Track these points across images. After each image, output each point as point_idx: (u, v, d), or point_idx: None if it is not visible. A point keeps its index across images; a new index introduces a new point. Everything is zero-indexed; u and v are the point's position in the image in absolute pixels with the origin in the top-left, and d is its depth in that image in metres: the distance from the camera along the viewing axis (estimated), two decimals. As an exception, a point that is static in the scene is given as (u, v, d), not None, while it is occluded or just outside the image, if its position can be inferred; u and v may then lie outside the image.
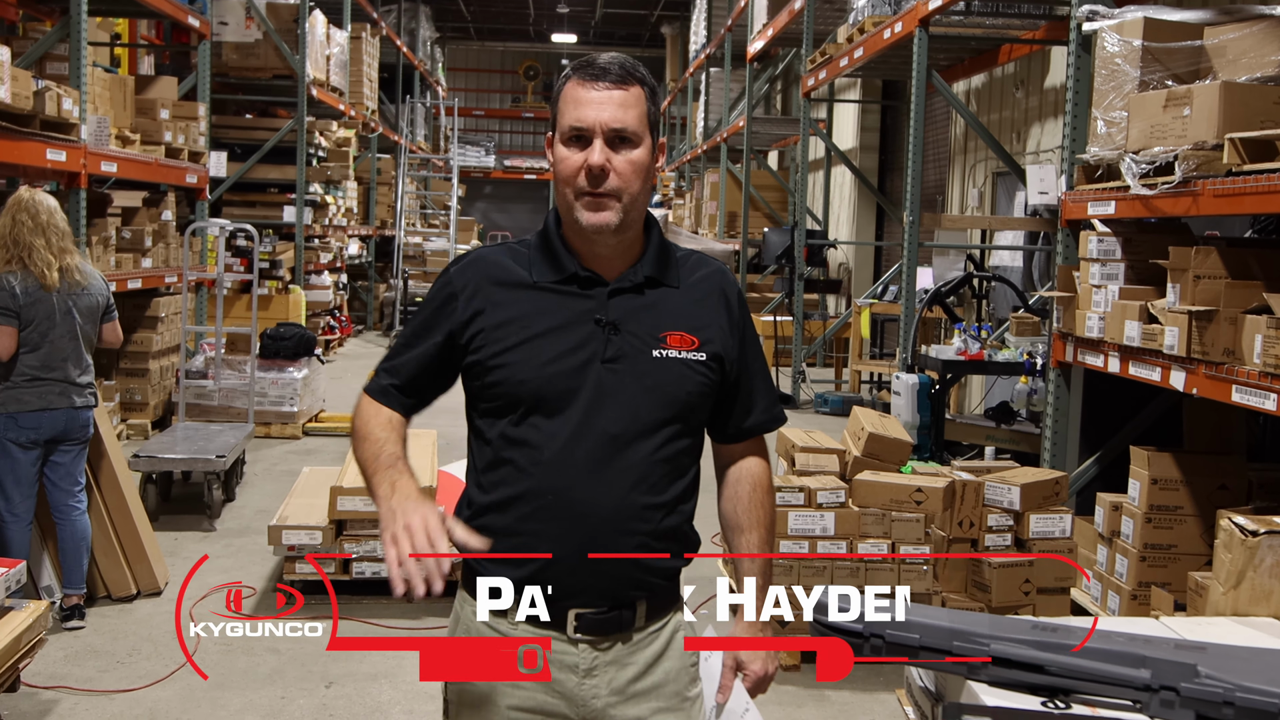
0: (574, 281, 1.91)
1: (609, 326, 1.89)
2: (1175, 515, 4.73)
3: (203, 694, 4.21)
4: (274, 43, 11.98)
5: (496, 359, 1.88)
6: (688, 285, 1.98)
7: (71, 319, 4.73)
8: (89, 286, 4.83)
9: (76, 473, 4.81)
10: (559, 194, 1.89)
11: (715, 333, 1.96)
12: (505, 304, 1.90)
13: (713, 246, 15.18)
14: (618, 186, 1.85)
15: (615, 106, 1.83)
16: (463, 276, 1.95)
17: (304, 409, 9.12)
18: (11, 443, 4.59)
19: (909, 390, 7.09)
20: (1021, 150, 9.80)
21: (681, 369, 1.91)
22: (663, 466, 1.89)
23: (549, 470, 1.85)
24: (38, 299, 4.62)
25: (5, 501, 4.60)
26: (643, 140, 1.87)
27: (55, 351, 4.66)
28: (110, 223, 8.29)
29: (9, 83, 6.15)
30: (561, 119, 1.86)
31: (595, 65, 1.86)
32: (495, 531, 1.85)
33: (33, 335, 4.62)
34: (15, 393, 4.60)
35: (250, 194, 12.65)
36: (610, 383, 1.87)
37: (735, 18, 15.38)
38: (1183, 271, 4.42)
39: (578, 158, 1.84)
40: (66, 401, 4.68)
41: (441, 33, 27.07)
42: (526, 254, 1.96)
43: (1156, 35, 4.83)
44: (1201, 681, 1.83)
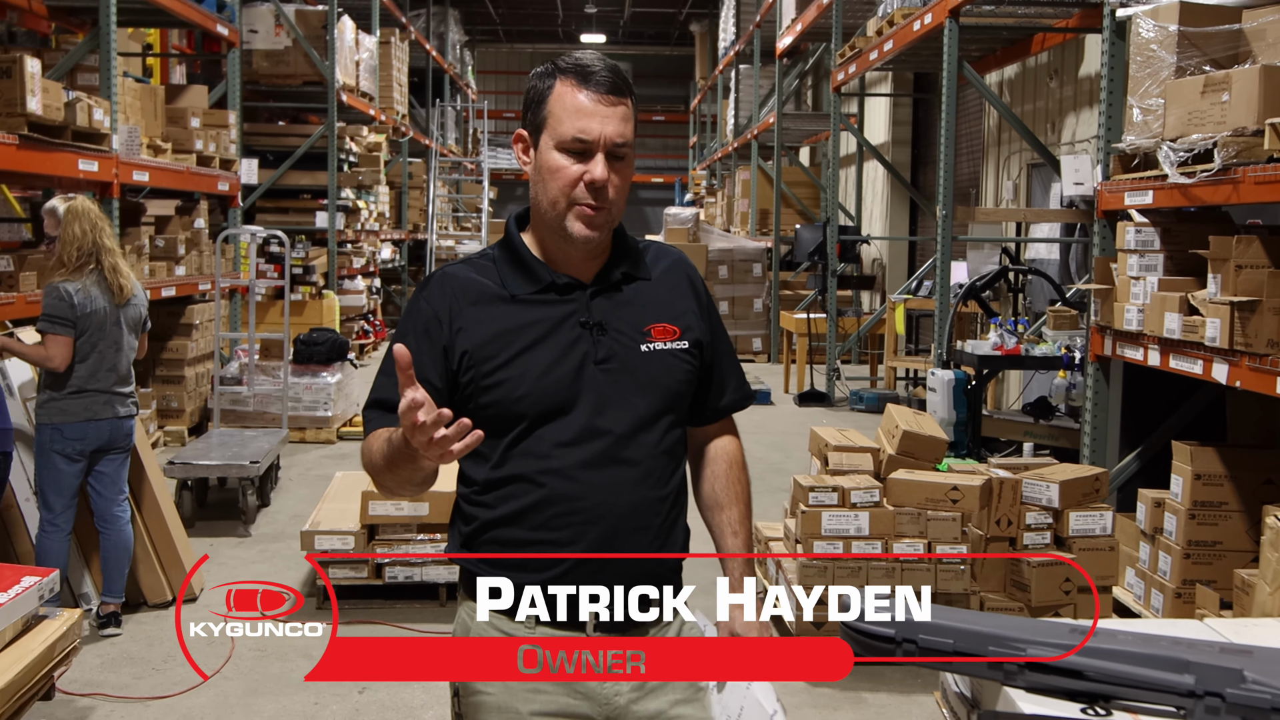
0: (551, 289, 1.91)
1: (595, 328, 1.89)
2: (1220, 511, 4.63)
3: (236, 700, 4.22)
4: (303, 49, 12.04)
5: (489, 378, 1.86)
6: (658, 276, 1.99)
7: (119, 330, 4.73)
8: (135, 297, 4.83)
9: (121, 481, 4.82)
10: (545, 199, 1.87)
11: (692, 320, 1.98)
12: (485, 321, 1.88)
13: (744, 245, 15.13)
14: (612, 200, 1.86)
15: (618, 121, 1.83)
16: (437, 298, 1.91)
17: (338, 413, 9.15)
18: (57, 454, 4.59)
19: (944, 386, 7.00)
20: (1056, 141, 9.67)
21: (669, 360, 1.93)
22: (664, 459, 1.91)
23: (559, 478, 1.84)
24: (93, 310, 4.61)
25: (47, 510, 4.62)
26: (632, 153, 1.88)
27: (102, 362, 4.66)
28: (144, 231, 8.35)
29: (40, 94, 6.20)
30: (559, 125, 1.83)
31: (592, 71, 1.84)
32: (509, 544, 1.86)
33: (84, 346, 4.62)
34: (61, 404, 4.60)
35: (283, 200, 12.73)
36: (606, 383, 1.88)
37: (764, 13, 15.31)
38: (1224, 261, 4.33)
39: (576, 169, 1.83)
40: (111, 411, 4.69)
41: (470, 36, 27.15)
42: (494, 267, 1.94)
43: (1193, 20, 4.73)
44: (1248, 687, 1.77)
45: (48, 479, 4.61)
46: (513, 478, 1.87)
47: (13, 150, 5.99)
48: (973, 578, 4.53)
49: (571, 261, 1.92)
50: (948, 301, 7.75)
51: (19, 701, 3.33)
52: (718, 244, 15.12)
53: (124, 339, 4.77)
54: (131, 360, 4.88)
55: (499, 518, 1.88)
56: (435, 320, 1.89)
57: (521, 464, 1.86)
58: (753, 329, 14.74)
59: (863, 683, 4.40)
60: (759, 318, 14.84)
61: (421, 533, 5.14)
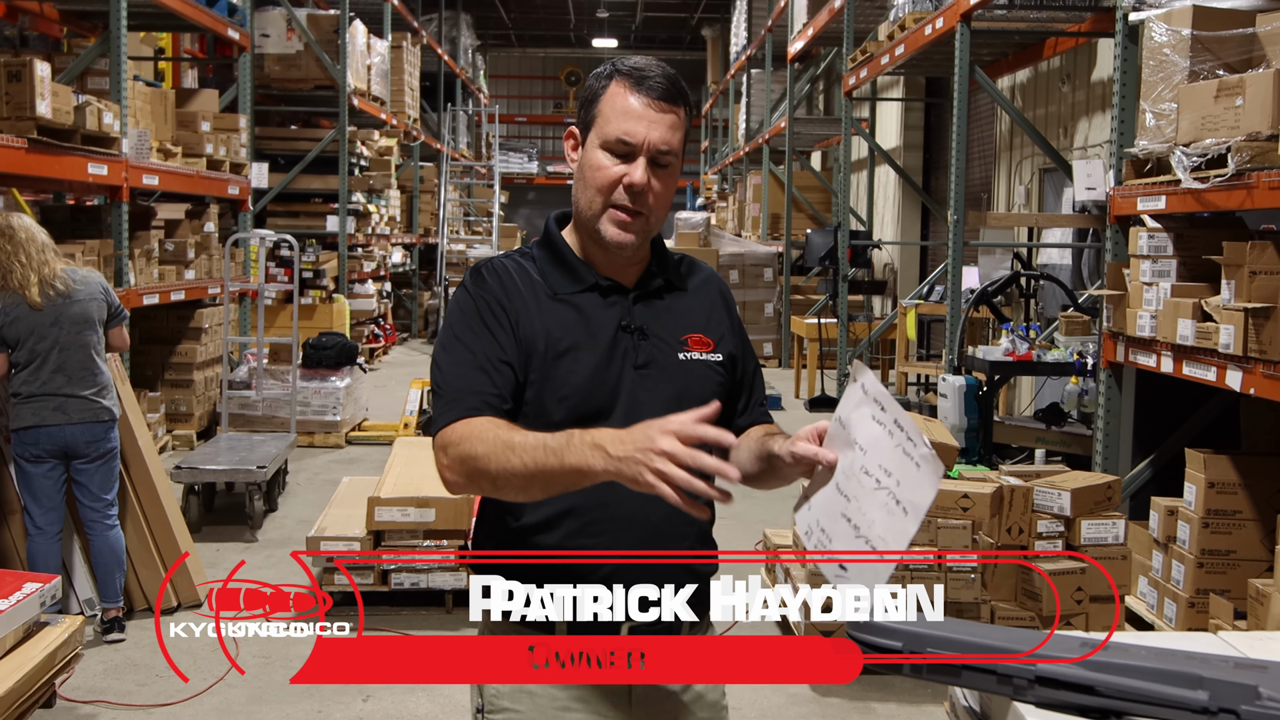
0: (594, 290, 1.88)
1: (636, 332, 1.87)
2: (1234, 520, 4.57)
3: (240, 708, 4.19)
4: (315, 54, 12.04)
5: (534, 373, 1.83)
6: (693, 288, 1.98)
7: (59, 330, 4.62)
8: (75, 293, 4.67)
9: (100, 489, 4.75)
10: (584, 198, 1.84)
11: (725, 333, 1.97)
12: (535, 315, 1.84)
13: (755, 249, 15.08)
14: (651, 207, 1.83)
15: (666, 128, 1.81)
16: (494, 285, 1.86)
17: (346, 418, 9.14)
18: (20, 458, 4.61)
19: (956, 392, 6.95)
20: (1068, 145, 9.61)
21: (704, 370, 1.91)
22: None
23: (596, 484, 1.75)
24: (17, 317, 4.55)
25: (28, 518, 4.63)
26: (677, 163, 1.85)
27: (44, 365, 4.59)
28: (153, 235, 8.35)
29: (50, 98, 6.20)
30: (606, 125, 1.81)
31: (647, 76, 1.81)
32: (545, 550, 1.81)
33: (21, 354, 4.58)
34: (16, 409, 4.61)
35: (294, 204, 12.73)
36: (644, 388, 1.85)
37: (775, 18, 15.27)
38: (1238, 267, 4.27)
39: (617, 170, 1.81)
40: (62, 418, 4.60)
41: (482, 40, 27.16)
42: (534, 265, 1.91)
43: (1206, 24, 4.68)
44: (1263, 704, 1.73)
45: (21, 484, 4.64)
46: None
47: (22, 154, 5.99)
48: (983, 586, 4.48)
49: (612, 265, 1.90)
50: (959, 307, 7.70)
51: (20, 709, 3.32)
52: (729, 248, 15.09)
53: (67, 338, 4.63)
54: (90, 356, 4.69)
55: (535, 523, 1.84)
56: (498, 305, 1.84)
57: None
58: (763, 334, 14.70)
59: (872, 693, 4.36)
60: (770, 322, 14.80)
61: (428, 539, 5.11)
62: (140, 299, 7.61)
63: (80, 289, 4.71)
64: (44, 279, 4.61)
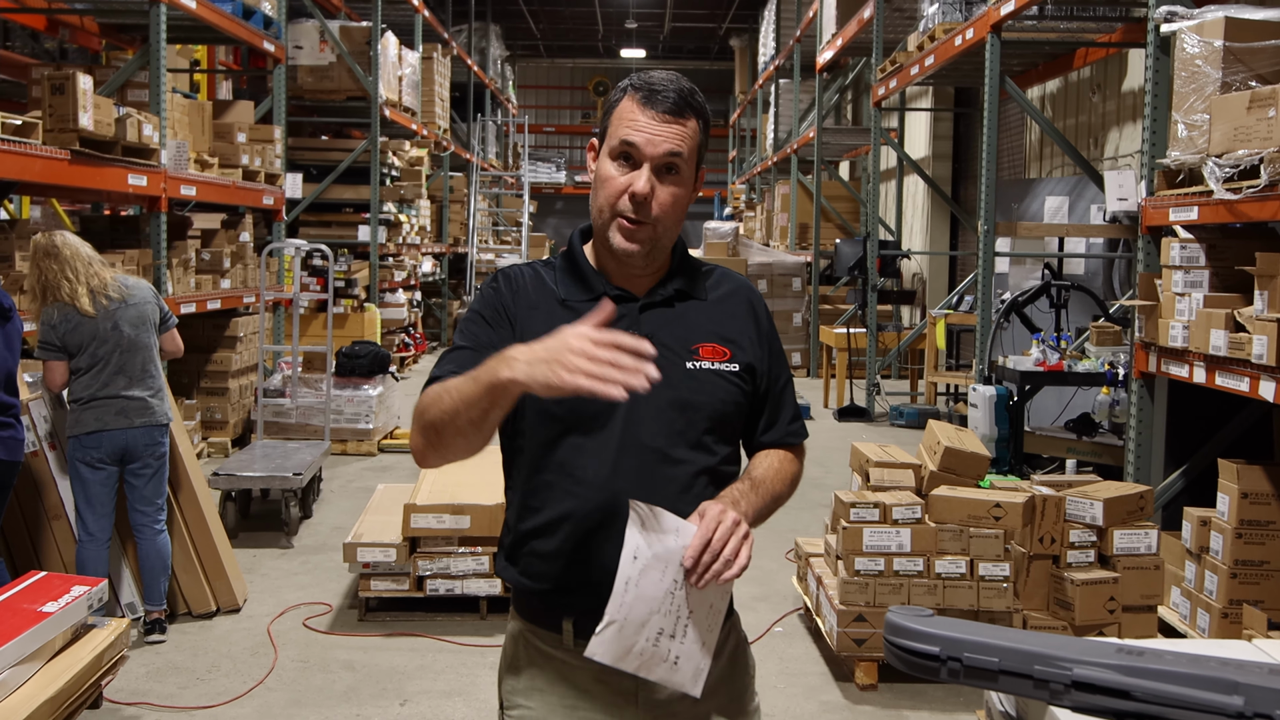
0: (603, 299, 1.90)
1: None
2: (1267, 530, 4.57)
3: (280, 711, 4.26)
4: (347, 65, 12.17)
5: None
6: (715, 298, 1.98)
7: (119, 334, 4.75)
8: (129, 298, 4.82)
9: (153, 495, 4.87)
10: (595, 207, 1.89)
11: (746, 344, 1.96)
12: (537, 322, 1.87)
13: (784, 259, 15.10)
14: (656, 216, 1.84)
15: (671, 139, 1.82)
16: (503, 291, 1.93)
17: (379, 426, 9.23)
18: (80, 462, 4.69)
19: (986, 402, 6.96)
20: (1099, 156, 9.60)
21: (715, 380, 1.91)
22: (705, 477, 1.88)
23: (593, 489, 1.82)
24: (77, 325, 4.67)
25: (80, 523, 4.71)
26: (688, 173, 1.87)
27: (106, 367, 4.71)
28: (190, 245, 8.48)
29: (91, 110, 6.31)
30: (614, 136, 1.85)
31: (656, 88, 1.84)
32: (544, 556, 1.85)
33: (83, 360, 4.70)
34: (76, 415, 4.71)
35: (326, 214, 12.86)
36: (646, 397, 1.79)
37: (804, 28, 15.31)
38: (1271, 278, 4.28)
39: (623, 180, 1.83)
40: (125, 421, 4.73)
41: (512, 51, 27.32)
42: (553, 274, 1.96)
43: (1238, 35, 4.69)
44: (1299, 710, 1.74)
45: (77, 490, 4.72)
46: (547, 483, 1.86)
47: (65, 165, 6.10)
48: (1015, 595, 4.49)
49: (625, 275, 1.93)
50: (989, 317, 7.70)
51: (68, 709, 3.38)
52: (757, 258, 15.11)
53: (128, 340, 4.77)
54: (150, 358, 4.86)
55: (534, 528, 1.88)
56: (501, 306, 1.91)
57: (556, 471, 1.85)
58: (792, 344, 14.71)
59: (904, 701, 4.37)
60: (798, 332, 14.81)
61: (463, 545, 5.17)
62: (178, 308, 7.72)
63: (134, 293, 4.87)
64: (94, 290, 4.74)
